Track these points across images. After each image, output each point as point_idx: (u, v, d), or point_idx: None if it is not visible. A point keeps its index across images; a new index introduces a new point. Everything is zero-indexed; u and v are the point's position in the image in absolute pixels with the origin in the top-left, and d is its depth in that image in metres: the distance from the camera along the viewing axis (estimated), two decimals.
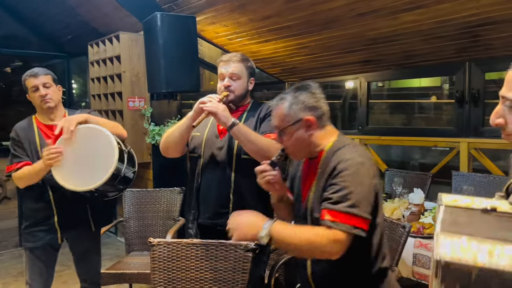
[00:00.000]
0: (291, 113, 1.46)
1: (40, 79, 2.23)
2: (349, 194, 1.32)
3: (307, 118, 1.46)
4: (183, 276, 1.91)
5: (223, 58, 2.11)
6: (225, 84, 2.05)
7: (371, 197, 1.36)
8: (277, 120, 1.50)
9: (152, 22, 3.59)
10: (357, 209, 1.31)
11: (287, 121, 1.47)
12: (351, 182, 1.33)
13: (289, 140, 1.49)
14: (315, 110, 1.47)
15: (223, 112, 1.89)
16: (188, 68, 3.69)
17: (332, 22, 3.35)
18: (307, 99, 1.47)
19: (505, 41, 3.01)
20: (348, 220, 1.30)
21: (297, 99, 1.47)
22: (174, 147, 2.10)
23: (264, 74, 5.09)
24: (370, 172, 1.37)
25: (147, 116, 4.13)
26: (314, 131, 1.47)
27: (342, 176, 1.35)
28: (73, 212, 2.31)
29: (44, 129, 2.30)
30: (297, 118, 1.46)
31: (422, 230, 2.32)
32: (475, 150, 3.51)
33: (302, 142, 1.48)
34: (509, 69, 0.98)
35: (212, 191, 2.06)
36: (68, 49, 5.88)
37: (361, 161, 1.37)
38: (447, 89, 5.17)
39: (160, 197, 3.27)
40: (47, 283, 2.38)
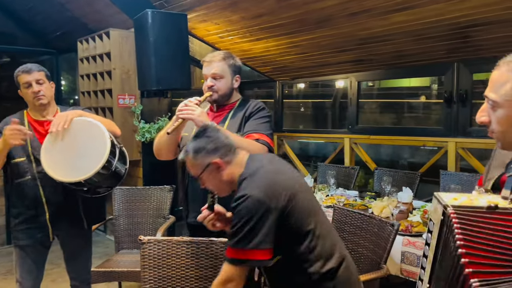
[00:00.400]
0: (199, 161, 1.55)
1: (33, 75, 2.21)
2: (238, 230, 1.41)
3: (214, 161, 1.53)
4: (173, 274, 1.91)
5: (206, 59, 2.12)
6: (208, 84, 2.07)
7: (266, 227, 1.40)
8: (192, 170, 1.59)
9: (143, 19, 3.57)
10: (242, 244, 1.40)
11: (199, 169, 1.55)
12: (241, 219, 1.41)
13: (209, 183, 1.59)
14: (216, 151, 1.54)
15: (199, 117, 1.91)
16: (179, 65, 3.68)
17: (324, 21, 3.36)
18: (206, 144, 1.55)
19: (494, 42, 3.05)
20: (236, 255, 1.42)
21: (198, 148, 1.55)
22: (165, 150, 2.13)
23: (255, 73, 5.09)
24: (263, 202, 1.40)
25: (137, 114, 4.11)
26: (225, 169, 1.55)
27: (236, 213, 1.44)
28: (64, 209, 2.29)
29: (35, 124, 2.28)
30: (205, 164, 1.54)
31: (411, 228, 2.35)
32: (462, 150, 3.56)
33: (220, 182, 1.57)
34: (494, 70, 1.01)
35: (199, 190, 2.07)
36: (57, 45, 5.82)
37: (254, 194, 1.41)
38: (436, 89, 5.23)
39: (150, 195, 3.26)
40: (37, 280, 2.36)
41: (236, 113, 2.11)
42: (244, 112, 2.10)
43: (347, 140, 4.35)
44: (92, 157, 2.10)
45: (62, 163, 2.12)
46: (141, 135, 4.01)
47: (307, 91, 6.06)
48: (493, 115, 0.99)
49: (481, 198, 0.90)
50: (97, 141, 2.12)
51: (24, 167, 2.23)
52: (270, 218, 1.41)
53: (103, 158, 2.08)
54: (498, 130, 0.99)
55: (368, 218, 2.26)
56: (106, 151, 2.09)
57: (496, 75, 0.99)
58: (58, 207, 2.27)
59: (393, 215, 2.56)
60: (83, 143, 2.14)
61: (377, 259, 2.12)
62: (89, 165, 2.08)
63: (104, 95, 4.30)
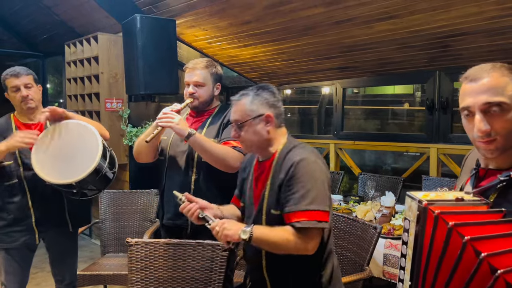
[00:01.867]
0: (253, 107, 1.54)
1: (21, 79, 2.22)
2: (306, 192, 1.43)
3: (268, 114, 1.54)
4: (161, 276, 1.94)
5: (189, 65, 2.17)
6: (190, 91, 2.12)
7: (326, 190, 1.47)
8: (238, 114, 1.57)
9: (131, 24, 3.60)
10: (316, 204, 1.42)
11: (248, 115, 1.54)
12: (306, 181, 1.44)
13: (247, 133, 1.56)
14: (275, 108, 1.57)
15: (177, 125, 1.96)
16: (166, 70, 3.71)
17: (310, 29, 3.44)
18: (269, 97, 1.56)
19: (472, 52, 3.16)
20: (312, 217, 1.41)
21: (259, 96, 1.56)
22: (145, 154, 2.17)
23: (242, 78, 5.14)
24: (322, 168, 1.49)
25: (125, 118, 4.12)
26: (271, 128, 1.56)
27: (297, 177, 1.45)
28: (50, 212, 2.30)
29: (23, 128, 2.29)
30: (258, 113, 1.54)
31: (393, 231, 2.41)
32: (444, 156, 3.66)
33: (260, 137, 1.55)
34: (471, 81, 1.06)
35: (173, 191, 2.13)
36: (44, 48, 5.79)
37: (312, 160, 1.48)
38: (419, 96, 5.36)
39: (136, 198, 3.27)
40: (22, 283, 2.36)
41: (215, 119, 2.17)
42: (222, 119, 2.15)
43: (332, 145, 4.43)
44: (84, 159, 2.11)
45: (53, 164, 2.13)
46: (128, 139, 4.02)
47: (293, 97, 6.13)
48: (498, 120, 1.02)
49: (448, 194, 1.02)
50: (89, 144, 2.14)
51: (11, 170, 2.24)
52: (326, 182, 1.47)
53: (95, 161, 2.09)
54: (502, 134, 1.02)
55: (352, 221, 2.32)
56: (98, 154, 2.10)
57: (492, 81, 1.03)
58: (44, 210, 2.28)
59: (376, 219, 2.62)
60: (74, 145, 2.15)
61: (360, 261, 2.18)
62: (80, 167, 2.09)
63: (91, 99, 4.30)
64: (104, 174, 2.19)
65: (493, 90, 1.02)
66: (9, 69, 2.25)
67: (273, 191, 1.52)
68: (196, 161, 2.09)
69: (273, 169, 1.55)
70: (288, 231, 1.43)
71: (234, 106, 1.59)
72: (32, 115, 2.30)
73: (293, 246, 1.42)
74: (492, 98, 1.02)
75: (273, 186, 1.53)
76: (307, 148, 1.54)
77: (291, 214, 1.44)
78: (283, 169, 1.49)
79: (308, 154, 1.49)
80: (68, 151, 2.14)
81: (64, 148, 2.15)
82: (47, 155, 2.14)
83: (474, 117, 1.05)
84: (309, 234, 1.42)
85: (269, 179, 1.55)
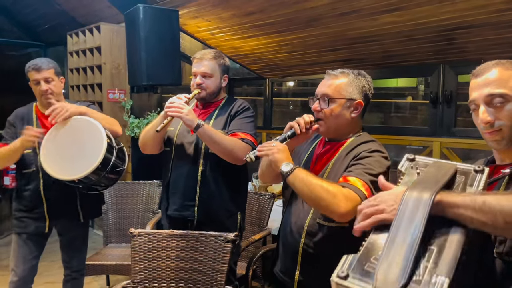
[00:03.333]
0: (349, 89, 1.52)
1: (42, 73, 2.23)
2: (371, 173, 1.40)
3: (360, 101, 1.52)
4: (163, 266, 1.94)
5: (197, 56, 2.15)
6: (197, 82, 2.11)
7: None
8: (331, 89, 1.53)
9: (134, 14, 3.57)
10: (374, 185, 1.39)
11: (342, 95, 1.51)
12: (376, 167, 1.42)
13: (331, 111, 1.52)
14: (366, 98, 1.55)
15: (187, 116, 1.94)
16: (169, 61, 3.69)
17: (314, 20, 3.41)
18: (366, 85, 1.55)
19: (478, 45, 3.13)
20: (366, 190, 1.38)
21: (358, 80, 1.53)
22: (151, 145, 2.15)
23: (245, 70, 5.12)
24: (389, 168, 1.48)
25: (127, 109, 4.11)
26: (355, 114, 1.53)
27: (369, 159, 1.44)
28: (62, 202, 2.33)
29: (43, 118, 2.33)
30: (351, 96, 1.52)
31: None
32: (447, 149, 3.64)
33: (341, 119, 1.53)
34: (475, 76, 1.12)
35: (180, 183, 2.13)
36: (45, 38, 5.77)
37: (385, 155, 1.48)
38: (422, 90, 5.33)
39: (139, 189, 3.28)
40: (31, 270, 2.39)
41: (222, 111, 2.16)
42: (230, 111, 2.15)
43: None
44: (87, 157, 2.12)
45: (58, 160, 2.15)
46: (130, 130, 4.01)
47: (296, 89, 6.11)
48: (501, 111, 1.06)
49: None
50: (94, 142, 2.14)
51: (30, 158, 2.29)
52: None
53: (97, 160, 2.10)
54: (507, 124, 1.06)
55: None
56: (102, 153, 2.11)
57: (496, 75, 1.07)
58: (56, 200, 2.32)
59: None
60: (80, 142, 2.17)
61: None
62: (83, 165, 2.11)
63: (93, 89, 4.29)
64: (111, 171, 2.19)
65: (496, 83, 1.06)
66: (32, 61, 2.27)
67: (333, 173, 1.50)
68: (203, 152, 2.09)
69: (340, 153, 1.52)
70: (332, 184, 1.38)
71: (329, 80, 1.55)
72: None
73: (327, 199, 1.34)
74: (494, 90, 1.06)
75: (334, 168, 1.50)
76: (382, 146, 1.53)
77: (348, 177, 1.41)
78: (351, 155, 1.47)
79: (383, 149, 1.49)
80: (73, 147, 2.16)
81: (69, 144, 2.16)
82: (53, 150, 2.16)
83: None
84: (351, 197, 1.34)
85: (332, 161, 1.52)
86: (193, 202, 2.09)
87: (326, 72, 1.59)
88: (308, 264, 1.53)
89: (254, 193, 3.00)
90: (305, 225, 1.52)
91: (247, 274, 2.46)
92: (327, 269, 1.50)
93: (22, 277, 2.33)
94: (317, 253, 1.51)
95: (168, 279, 1.94)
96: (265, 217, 2.85)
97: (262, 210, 2.88)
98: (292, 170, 1.40)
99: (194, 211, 2.10)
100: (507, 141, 1.07)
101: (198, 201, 2.09)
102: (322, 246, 1.49)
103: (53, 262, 3.81)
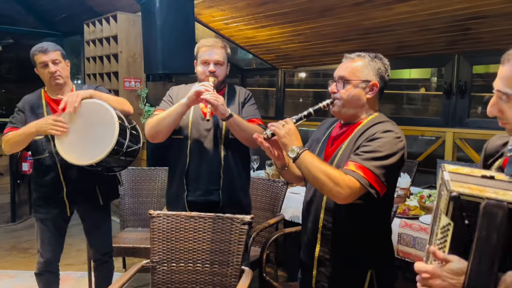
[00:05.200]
0: (365, 71, 1.55)
1: (49, 55, 2.25)
2: (380, 157, 1.43)
3: (375, 83, 1.55)
4: (181, 247, 2.01)
5: (207, 43, 2.15)
6: (211, 69, 2.11)
7: (394, 170, 1.48)
8: (347, 71, 1.56)
9: (150, 3, 3.62)
10: (381, 172, 1.42)
11: (358, 76, 1.54)
12: (386, 149, 1.44)
13: (347, 92, 1.55)
14: (382, 80, 1.57)
15: (222, 105, 1.96)
16: (184, 50, 3.73)
17: (328, 10, 3.42)
18: (382, 67, 1.57)
19: (494, 35, 3.13)
20: (369, 177, 1.41)
21: (374, 63, 1.56)
22: (165, 133, 2.12)
23: (257, 61, 5.15)
24: (402, 147, 1.49)
25: (143, 97, 4.18)
26: (372, 97, 1.56)
27: (379, 141, 1.45)
28: (81, 186, 2.36)
29: (52, 103, 2.34)
30: (367, 78, 1.55)
31: (408, 211, 2.45)
32: (459, 140, 3.65)
33: (357, 100, 1.55)
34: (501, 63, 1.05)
35: (202, 170, 2.16)
36: (62, 27, 5.85)
37: (399, 137, 1.49)
38: (435, 81, 5.30)
39: (155, 175, 3.34)
40: (56, 251, 2.45)
41: (230, 99, 2.22)
42: (238, 98, 2.22)
43: None
44: (102, 140, 2.14)
45: (73, 146, 2.18)
46: (146, 118, 4.08)
47: (308, 80, 6.12)
48: (507, 108, 1.04)
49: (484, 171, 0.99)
50: (106, 124, 2.16)
51: (42, 144, 2.31)
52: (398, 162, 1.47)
53: (111, 142, 2.12)
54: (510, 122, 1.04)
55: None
56: (115, 135, 2.13)
57: (505, 70, 1.03)
58: (75, 184, 2.34)
59: None
60: (92, 126, 2.18)
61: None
62: (99, 148, 2.13)
63: (110, 77, 4.36)
64: (126, 152, 2.23)
65: (506, 79, 1.03)
66: (37, 45, 2.29)
67: (346, 152, 1.53)
68: (224, 138, 2.14)
69: (354, 133, 1.55)
70: (336, 171, 1.42)
71: (346, 63, 1.58)
72: (61, 90, 2.33)
73: (329, 185, 1.39)
74: (500, 87, 1.03)
75: (348, 147, 1.53)
76: (397, 126, 1.54)
77: (354, 163, 1.43)
78: (365, 135, 1.49)
79: (397, 130, 1.50)
80: (87, 132, 2.18)
81: (82, 129, 2.18)
82: (67, 136, 2.18)
83: None
84: (353, 185, 1.39)
85: (346, 141, 1.56)
86: (218, 186, 2.15)
87: (344, 56, 1.62)
88: (327, 241, 1.57)
89: (268, 180, 3.05)
90: (323, 201, 1.57)
91: (261, 258, 2.51)
92: (346, 245, 1.58)
93: (48, 258, 2.41)
94: (336, 229, 1.56)
95: (185, 259, 2.00)
96: (278, 203, 2.90)
97: (276, 196, 2.93)
98: (298, 155, 1.45)
99: (219, 195, 2.16)
100: None
101: (222, 185, 2.15)
102: (340, 222, 1.54)
103: (71, 246, 3.92)
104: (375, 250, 1.58)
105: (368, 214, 1.53)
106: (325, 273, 1.59)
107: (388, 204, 1.62)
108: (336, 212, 1.54)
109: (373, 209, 1.51)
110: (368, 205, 1.47)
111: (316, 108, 1.59)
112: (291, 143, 1.47)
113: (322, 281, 1.60)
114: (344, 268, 1.57)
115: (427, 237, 2.22)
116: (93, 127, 2.19)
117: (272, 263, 2.89)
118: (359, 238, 1.56)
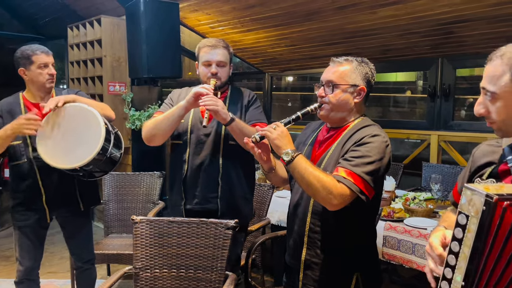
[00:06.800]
0: (353, 76, 1.55)
1: (50, 57, 2.25)
2: (369, 162, 1.44)
3: (363, 87, 1.56)
4: (165, 252, 1.98)
5: (208, 43, 2.07)
6: (213, 71, 2.03)
7: (382, 174, 1.50)
8: (335, 76, 1.56)
9: (135, 7, 3.60)
10: (370, 178, 1.43)
11: (346, 81, 1.55)
12: (374, 153, 1.45)
13: (335, 96, 1.55)
14: (368, 84, 1.58)
15: (223, 109, 1.88)
16: (170, 54, 3.72)
17: (313, 14, 3.44)
18: (369, 72, 1.58)
19: (476, 39, 3.17)
20: (359, 184, 1.42)
21: (362, 67, 1.57)
22: (162, 136, 2.05)
23: (245, 64, 5.14)
24: (389, 152, 1.51)
25: (128, 101, 4.13)
26: (357, 101, 1.57)
27: (368, 146, 1.46)
28: (60, 192, 2.32)
29: (31, 107, 2.29)
30: (355, 83, 1.56)
31: (392, 214, 2.45)
32: (444, 143, 3.68)
33: (345, 104, 1.56)
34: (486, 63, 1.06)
35: (200, 177, 2.09)
36: (46, 31, 5.78)
37: (386, 141, 1.51)
38: (421, 84, 5.36)
39: (140, 181, 3.31)
40: (36, 259, 2.40)
41: (233, 101, 2.12)
42: (242, 100, 2.12)
43: None
44: (87, 144, 2.11)
45: (57, 149, 2.14)
46: (131, 123, 4.03)
47: (295, 84, 6.14)
48: (492, 107, 1.04)
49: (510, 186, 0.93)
50: (91, 128, 2.13)
51: (20, 150, 2.26)
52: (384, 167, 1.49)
53: (97, 146, 2.09)
54: (498, 119, 1.04)
55: None
56: (101, 139, 2.10)
57: (491, 69, 1.04)
58: (55, 190, 2.30)
59: None
60: (77, 130, 2.15)
61: None
62: (84, 152, 2.10)
63: (94, 82, 4.31)
64: (109, 157, 2.20)
65: (490, 77, 1.04)
66: (35, 46, 2.24)
67: (334, 156, 1.53)
68: (223, 144, 2.06)
69: (341, 137, 1.56)
70: (328, 177, 1.42)
71: (334, 67, 1.58)
72: (43, 93, 2.30)
73: (322, 193, 1.40)
74: (485, 85, 1.04)
75: (336, 151, 1.54)
76: (382, 130, 1.56)
77: (344, 170, 1.44)
78: (352, 139, 1.50)
79: (383, 134, 1.52)
80: (71, 135, 2.14)
81: (66, 132, 2.15)
82: (50, 139, 2.14)
83: None
84: (344, 192, 1.40)
85: (334, 145, 1.56)
86: (216, 193, 2.08)
87: (331, 59, 1.62)
88: (314, 244, 1.57)
89: None
90: (310, 205, 1.57)
91: (247, 263, 2.49)
92: (332, 248, 1.57)
93: (27, 267, 2.36)
94: (323, 232, 1.56)
95: (169, 265, 1.97)
96: (264, 207, 2.88)
97: (262, 200, 2.91)
98: (293, 159, 1.44)
99: (217, 203, 2.08)
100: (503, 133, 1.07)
101: (220, 192, 2.08)
102: (327, 225, 1.55)
103: (53, 254, 3.86)
104: (361, 253, 1.59)
105: (355, 217, 1.53)
106: (311, 276, 1.59)
107: (375, 207, 1.62)
108: (323, 215, 1.54)
109: (360, 212, 1.52)
110: (355, 208, 1.47)
111: (304, 111, 1.58)
112: (284, 145, 1.47)
113: (308, 284, 1.60)
114: (331, 271, 1.57)
115: (412, 239, 2.24)
116: (77, 130, 2.16)
117: (258, 268, 2.87)
118: (345, 241, 1.56)
